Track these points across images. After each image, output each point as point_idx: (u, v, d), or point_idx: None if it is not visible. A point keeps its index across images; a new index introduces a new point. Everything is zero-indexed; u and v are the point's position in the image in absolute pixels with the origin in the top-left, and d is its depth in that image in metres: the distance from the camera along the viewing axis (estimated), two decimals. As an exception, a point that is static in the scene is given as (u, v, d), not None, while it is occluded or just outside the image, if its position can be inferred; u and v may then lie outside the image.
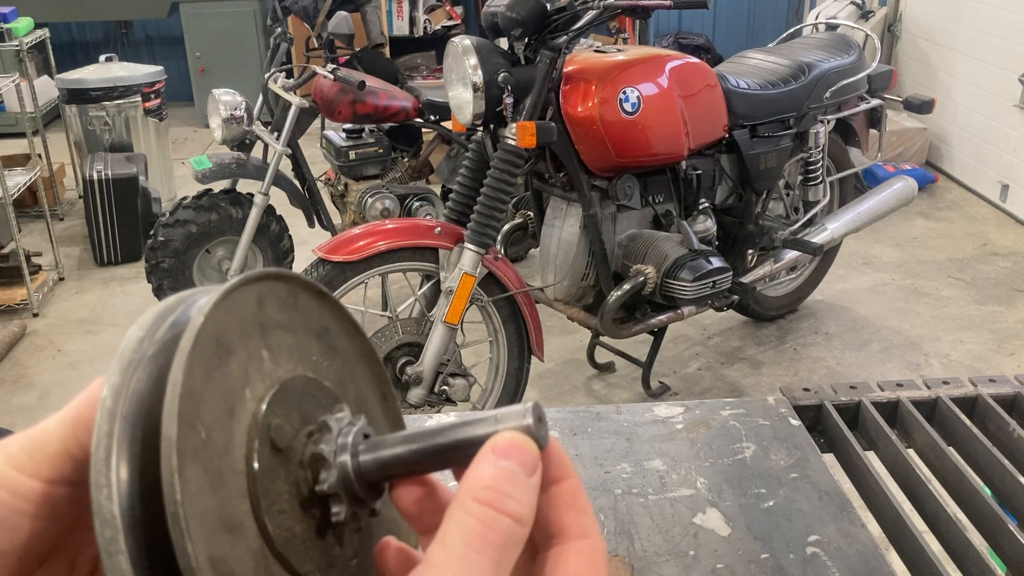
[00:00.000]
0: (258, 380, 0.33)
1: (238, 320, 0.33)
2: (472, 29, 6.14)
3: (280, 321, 0.35)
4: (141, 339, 0.31)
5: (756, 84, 2.78)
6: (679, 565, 0.78)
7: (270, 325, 0.35)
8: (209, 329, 0.30)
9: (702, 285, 2.48)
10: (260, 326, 0.34)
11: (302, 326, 0.36)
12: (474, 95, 2.27)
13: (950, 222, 4.40)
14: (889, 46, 5.46)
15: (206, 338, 0.30)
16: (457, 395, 2.40)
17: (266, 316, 0.34)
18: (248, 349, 0.33)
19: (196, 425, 0.29)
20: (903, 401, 0.98)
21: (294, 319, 0.36)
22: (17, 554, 0.33)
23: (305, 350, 0.36)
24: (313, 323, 0.37)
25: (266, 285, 0.35)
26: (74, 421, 0.33)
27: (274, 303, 0.35)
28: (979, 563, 0.76)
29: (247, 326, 0.33)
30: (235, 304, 0.33)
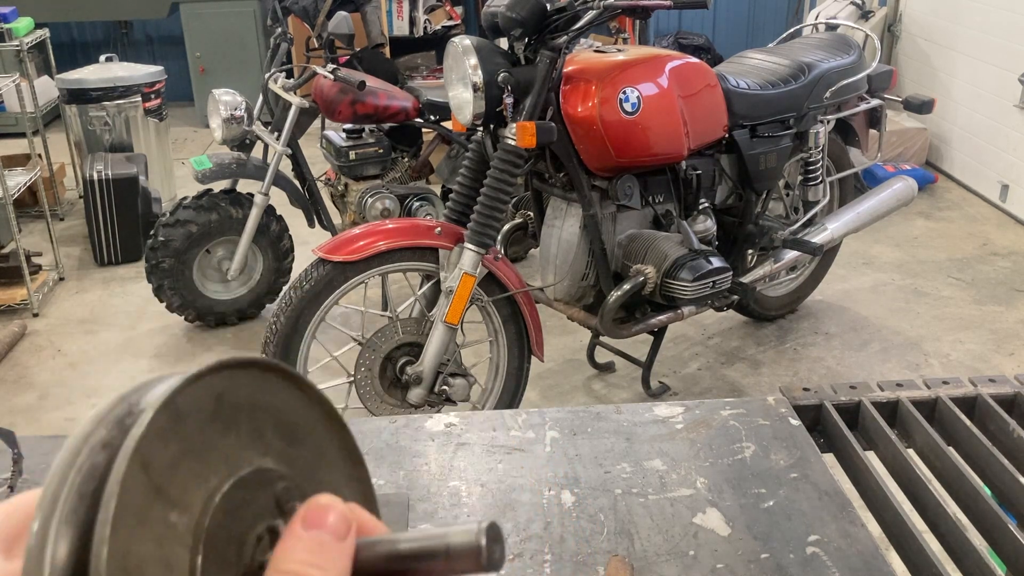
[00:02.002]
0: (200, 489, 0.32)
1: (181, 432, 0.32)
2: (472, 29, 6.14)
3: (239, 409, 0.35)
4: (76, 453, 0.31)
5: (756, 84, 2.78)
6: (679, 565, 0.78)
7: (227, 418, 0.34)
8: (138, 462, 0.30)
9: (702, 285, 2.48)
10: (214, 418, 0.33)
11: (264, 412, 0.36)
12: (474, 95, 2.27)
13: (950, 222, 4.40)
14: (889, 46, 5.46)
15: (135, 476, 0.29)
16: (457, 395, 2.40)
17: (223, 409, 0.34)
18: (193, 455, 0.32)
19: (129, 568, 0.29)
20: (903, 401, 0.98)
21: (257, 404, 0.35)
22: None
23: (264, 436, 0.35)
24: (275, 407, 0.36)
25: (225, 376, 0.34)
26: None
27: (235, 393, 0.34)
28: (979, 563, 0.76)
29: (194, 429, 0.32)
30: (185, 407, 0.32)
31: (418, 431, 0.98)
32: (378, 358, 2.38)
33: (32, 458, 0.93)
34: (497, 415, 1.01)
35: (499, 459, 0.93)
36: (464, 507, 0.86)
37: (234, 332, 3.41)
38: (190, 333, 3.41)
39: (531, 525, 0.83)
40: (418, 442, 0.96)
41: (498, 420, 1.01)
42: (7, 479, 0.88)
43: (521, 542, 0.81)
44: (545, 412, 1.02)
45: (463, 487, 0.89)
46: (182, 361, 3.23)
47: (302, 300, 2.30)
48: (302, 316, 2.30)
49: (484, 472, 0.91)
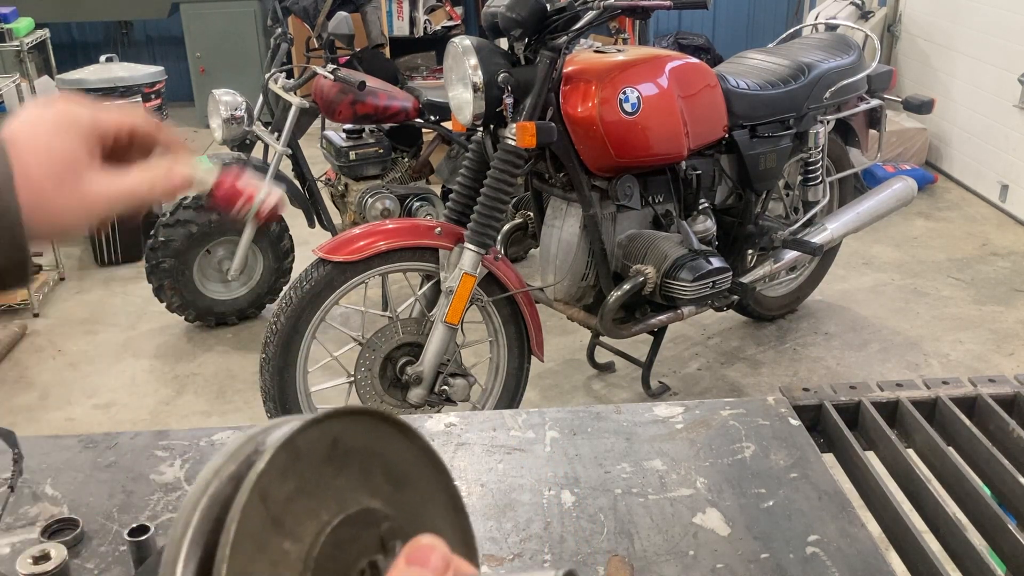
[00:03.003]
0: (312, 523, 0.35)
1: (299, 470, 0.35)
2: (472, 29, 6.14)
3: (353, 453, 0.38)
4: (208, 481, 0.35)
5: (756, 84, 2.78)
6: (679, 565, 0.78)
7: (341, 461, 0.37)
8: (258, 494, 0.33)
9: (702, 285, 2.48)
10: (329, 460, 0.37)
11: (375, 458, 0.39)
12: (474, 95, 2.27)
13: (950, 222, 4.40)
14: (889, 46, 5.46)
15: (254, 506, 0.33)
16: (457, 395, 2.40)
17: (338, 452, 0.37)
18: (308, 492, 0.35)
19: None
20: (903, 401, 0.98)
21: (369, 450, 0.39)
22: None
23: (373, 480, 0.39)
24: (386, 454, 0.40)
25: (342, 422, 0.38)
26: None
27: (350, 438, 0.38)
28: (978, 563, 0.76)
29: (310, 468, 0.36)
30: (303, 447, 0.36)
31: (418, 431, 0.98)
32: (378, 358, 2.38)
33: (32, 458, 0.93)
34: (497, 415, 1.02)
35: (499, 459, 0.93)
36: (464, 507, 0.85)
37: (234, 332, 3.41)
38: (190, 333, 3.41)
39: (531, 525, 0.83)
40: (418, 442, 0.96)
41: (498, 420, 1.01)
42: (7, 479, 0.88)
43: (521, 542, 0.81)
44: (545, 412, 1.02)
45: (463, 487, 0.89)
46: (182, 361, 3.23)
47: (302, 300, 2.30)
48: (302, 316, 2.30)
49: (484, 472, 0.91)
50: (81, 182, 0.56)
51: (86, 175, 0.56)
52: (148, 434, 0.98)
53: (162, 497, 0.87)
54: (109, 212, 0.58)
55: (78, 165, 0.56)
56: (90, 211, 0.57)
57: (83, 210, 0.56)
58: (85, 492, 0.88)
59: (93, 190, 0.56)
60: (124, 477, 0.90)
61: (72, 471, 0.91)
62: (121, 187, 0.58)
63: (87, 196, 0.56)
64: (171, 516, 0.85)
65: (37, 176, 0.53)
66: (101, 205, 0.57)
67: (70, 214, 0.55)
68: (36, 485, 0.89)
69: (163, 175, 0.60)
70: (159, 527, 0.82)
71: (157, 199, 0.61)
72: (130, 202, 0.58)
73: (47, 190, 0.54)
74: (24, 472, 0.90)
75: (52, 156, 0.54)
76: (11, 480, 0.88)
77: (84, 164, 0.56)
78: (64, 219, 0.55)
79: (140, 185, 0.59)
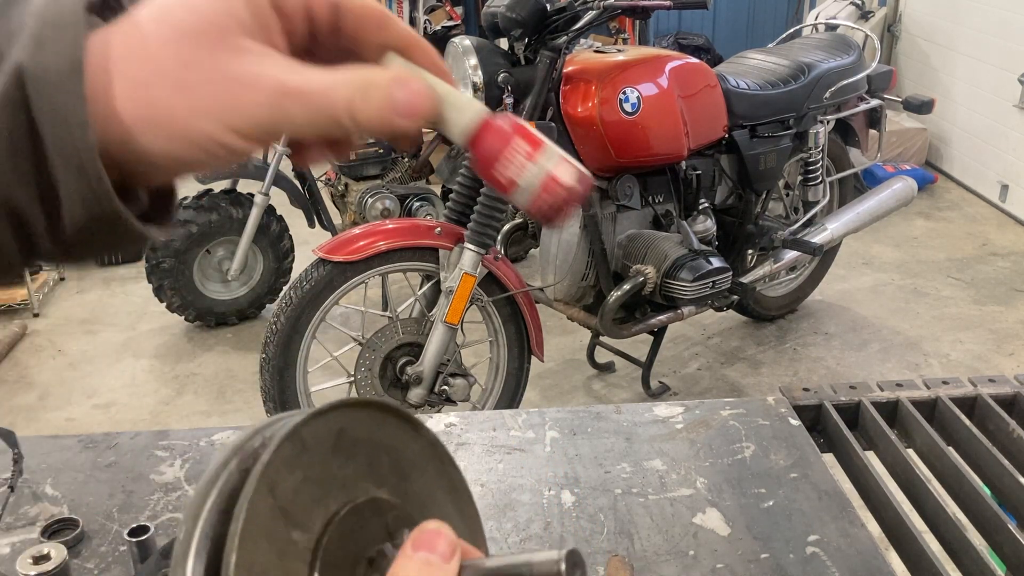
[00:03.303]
0: (320, 513, 0.36)
1: (305, 461, 0.35)
2: (472, 29, 6.14)
3: (358, 444, 0.38)
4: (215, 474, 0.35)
5: (756, 84, 2.78)
6: (679, 565, 0.78)
7: (347, 451, 0.37)
8: (265, 485, 0.33)
9: (702, 285, 2.48)
10: (335, 450, 0.37)
11: (381, 448, 0.39)
12: (474, 95, 2.27)
13: (950, 222, 4.40)
14: (889, 46, 5.46)
15: (262, 497, 0.33)
16: (457, 395, 2.40)
17: (344, 443, 0.37)
18: (315, 482, 0.36)
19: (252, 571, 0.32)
20: (903, 401, 0.98)
21: (375, 441, 0.39)
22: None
23: (380, 470, 0.39)
24: (392, 444, 0.40)
25: (347, 413, 0.37)
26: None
27: (355, 429, 0.38)
28: (978, 563, 0.76)
29: (316, 459, 0.36)
30: (309, 438, 0.35)
31: (418, 431, 0.98)
32: (378, 358, 2.38)
33: (32, 458, 0.93)
34: (497, 415, 1.02)
35: (499, 459, 0.93)
36: (464, 507, 0.85)
37: (234, 332, 3.41)
38: (190, 333, 3.41)
39: (531, 525, 0.83)
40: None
41: (498, 420, 1.01)
42: (7, 479, 0.88)
43: (521, 542, 0.81)
44: (545, 412, 1.02)
45: (463, 487, 0.89)
46: (182, 361, 3.23)
47: (302, 300, 2.30)
48: (302, 316, 2.30)
49: (484, 472, 0.91)
50: (230, 58, 0.34)
51: (242, 51, 0.34)
52: (148, 434, 0.98)
53: (162, 497, 0.87)
54: (274, 121, 0.34)
55: (228, 32, 0.34)
56: (238, 110, 0.34)
57: (225, 106, 0.34)
58: (85, 492, 0.88)
59: (251, 72, 0.34)
60: (124, 477, 0.90)
61: (72, 471, 0.91)
62: (301, 81, 0.35)
63: (237, 81, 0.34)
64: (171, 516, 0.85)
65: (155, 47, 0.33)
66: (261, 101, 0.34)
67: (203, 112, 0.34)
68: (36, 485, 0.89)
69: (385, 82, 0.36)
70: (159, 527, 0.82)
71: (369, 124, 0.36)
72: (313, 111, 0.35)
73: (168, 69, 0.33)
74: (24, 472, 0.90)
75: (185, 14, 0.34)
76: (11, 480, 0.88)
77: (241, 32, 0.35)
78: (192, 121, 0.34)
79: (337, 87, 0.35)
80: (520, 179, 0.39)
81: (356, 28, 0.39)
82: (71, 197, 0.32)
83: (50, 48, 0.32)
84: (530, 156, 0.38)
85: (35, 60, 0.32)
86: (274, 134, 0.35)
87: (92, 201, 0.33)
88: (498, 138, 0.38)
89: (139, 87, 0.33)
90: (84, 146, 0.32)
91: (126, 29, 0.34)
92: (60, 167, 0.32)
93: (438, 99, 0.38)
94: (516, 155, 0.38)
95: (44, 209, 0.33)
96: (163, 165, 0.35)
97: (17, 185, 0.32)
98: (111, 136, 0.33)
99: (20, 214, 0.33)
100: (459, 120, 0.39)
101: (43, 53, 0.32)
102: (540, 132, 0.40)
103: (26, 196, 0.33)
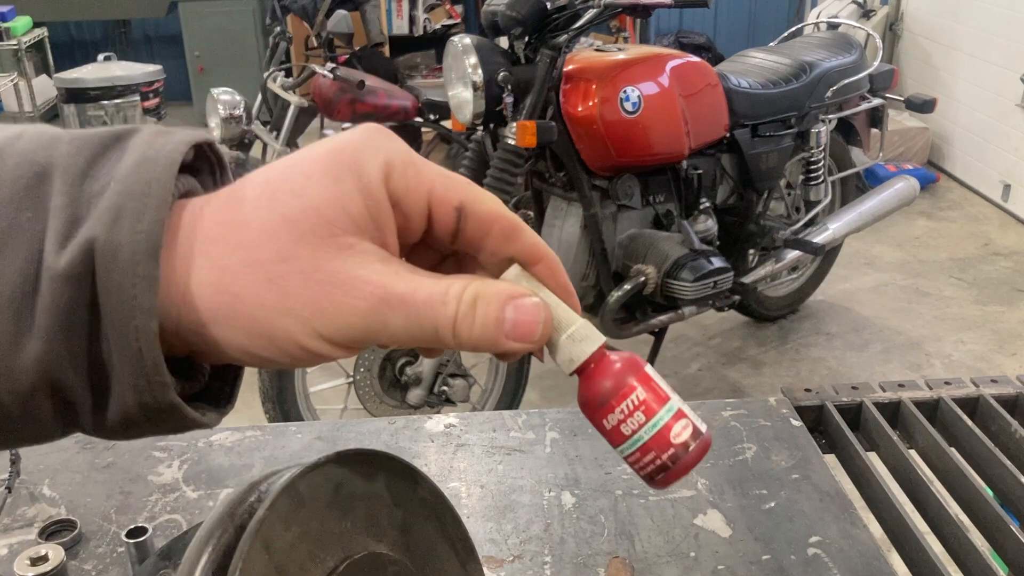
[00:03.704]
0: (317, 570, 0.35)
1: (301, 516, 0.34)
2: (472, 28, 6.14)
3: (356, 497, 0.37)
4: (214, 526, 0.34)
5: (757, 83, 2.78)
6: (680, 567, 0.77)
7: (344, 505, 0.36)
8: (260, 542, 0.32)
9: (703, 285, 2.47)
10: (332, 505, 0.36)
11: (380, 501, 0.38)
12: (474, 94, 2.26)
13: (952, 222, 4.40)
14: (890, 45, 5.45)
15: (257, 554, 0.32)
16: (457, 396, 2.39)
17: (341, 496, 0.36)
18: (312, 538, 0.35)
19: None
20: (905, 402, 0.98)
21: (373, 494, 0.38)
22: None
23: (379, 524, 0.38)
24: (391, 497, 0.39)
25: (345, 466, 0.36)
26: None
27: (353, 483, 0.37)
28: (981, 564, 0.75)
29: (314, 513, 0.35)
30: (306, 493, 0.34)
31: (417, 432, 0.98)
32: (377, 358, 2.37)
33: (30, 459, 0.92)
34: (497, 416, 1.01)
35: (499, 460, 0.93)
36: (464, 508, 0.85)
37: (234, 332, 3.41)
38: (190, 333, 3.41)
39: (531, 527, 0.83)
40: (418, 443, 0.96)
41: (498, 421, 1.00)
42: (5, 480, 0.88)
43: (521, 544, 0.80)
44: (545, 413, 1.01)
45: (463, 488, 0.89)
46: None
47: (302, 300, 2.29)
48: (302, 316, 2.30)
49: (484, 473, 0.91)
50: (333, 256, 0.31)
51: (348, 250, 0.31)
52: (146, 435, 0.97)
53: (160, 498, 0.87)
54: (369, 331, 0.32)
55: (336, 227, 0.31)
56: (332, 315, 0.31)
57: (319, 309, 0.31)
58: (83, 493, 0.87)
59: (354, 275, 0.31)
60: (122, 478, 0.90)
61: (70, 472, 0.91)
62: (407, 291, 0.32)
63: (337, 283, 0.31)
64: (169, 517, 0.84)
65: (254, 234, 0.31)
66: (359, 308, 0.31)
67: (292, 313, 0.31)
68: (34, 486, 0.89)
69: (499, 299, 0.33)
70: (157, 528, 0.81)
71: (471, 342, 0.33)
72: (414, 323, 0.32)
73: (262, 260, 0.31)
74: (22, 473, 0.90)
75: (293, 200, 0.31)
76: (8, 481, 0.88)
77: (350, 227, 0.32)
78: (277, 320, 0.31)
79: (446, 300, 0.32)
80: (630, 432, 0.35)
81: (480, 235, 0.35)
82: (123, 382, 0.30)
83: (127, 224, 0.29)
84: (649, 411, 0.35)
85: (109, 236, 0.29)
86: (365, 343, 0.33)
87: (145, 390, 0.30)
88: (615, 381, 0.35)
89: (225, 273, 0.31)
90: (145, 332, 0.29)
91: (224, 205, 0.32)
92: (116, 350, 0.30)
93: (554, 325, 0.35)
94: (632, 405, 0.35)
95: (92, 391, 0.31)
96: (236, 357, 0.32)
97: (68, 363, 0.30)
98: (184, 321, 0.31)
99: (66, 393, 0.31)
100: (572, 350, 0.36)
101: (119, 229, 0.29)
102: (662, 381, 0.36)
103: (75, 376, 0.30)
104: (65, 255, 0.29)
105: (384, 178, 0.32)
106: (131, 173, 0.30)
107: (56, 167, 0.31)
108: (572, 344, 0.36)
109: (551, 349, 0.36)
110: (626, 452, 0.36)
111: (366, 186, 0.32)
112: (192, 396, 0.33)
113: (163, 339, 0.30)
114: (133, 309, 0.29)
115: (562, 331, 0.35)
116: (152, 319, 0.29)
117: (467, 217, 0.34)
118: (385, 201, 0.32)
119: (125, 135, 0.32)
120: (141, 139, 0.32)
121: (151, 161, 0.31)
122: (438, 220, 0.34)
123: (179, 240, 0.31)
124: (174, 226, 0.31)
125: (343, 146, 0.33)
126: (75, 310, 0.29)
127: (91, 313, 0.29)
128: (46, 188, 0.30)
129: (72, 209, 0.30)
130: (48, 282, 0.29)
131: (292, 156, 0.34)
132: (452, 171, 0.35)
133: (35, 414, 0.31)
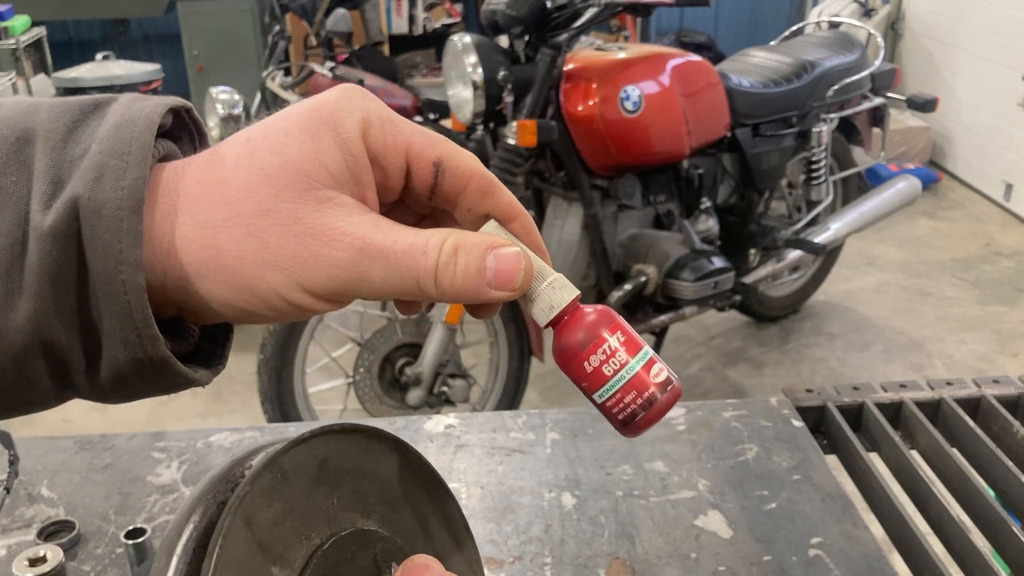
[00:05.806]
0: (302, 546, 0.34)
1: (285, 492, 0.34)
2: (472, 27, 6.13)
3: (343, 472, 0.36)
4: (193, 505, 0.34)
5: (758, 82, 2.77)
6: (681, 567, 0.77)
7: (331, 481, 0.36)
8: (241, 518, 0.32)
9: (704, 285, 2.47)
10: (318, 480, 0.35)
11: (368, 477, 0.37)
12: (474, 93, 2.26)
13: (954, 222, 4.39)
14: (892, 44, 5.44)
15: (238, 531, 0.31)
16: (456, 396, 2.39)
17: (327, 472, 0.35)
18: (296, 514, 0.34)
19: None
20: (906, 402, 0.97)
21: (361, 469, 0.37)
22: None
23: (366, 500, 0.37)
24: (379, 472, 0.38)
25: (331, 440, 0.36)
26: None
27: (339, 457, 0.36)
28: (982, 565, 0.75)
29: (299, 488, 0.34)
30: (290, 468, 0.34)
31: (417, 432, 0.97)
32: (377, 359, 2.37)
33: (28, 459, 0.92)
34: (497, 416, 1.01)
35: (499, 461, 0.93)
36: (464, 509, 0.85)
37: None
38: (190, 332, 3.41)
39: (531, 527, 0.82)
40: (417, 444, 0.95)
41: (498, 421, 1.00)
42: (3, 481, 0.88)
43: (521, 544, 0.80)
44: (546, 413, 1.01)
45: (463, 489, 0.88)
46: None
47: (302, 299, 2.29)
48: (302, 316, 2.29)
49: (484, 474, 0.91)
50: (312, 210, 0.32)
51: (327, 203, 0.32)
52: (144, 435, 0.97)
53: (159, 499, 0.87)
54: (350, 282, 0.32)
55: (315, 181, 0.32)
56: (313, 266, 0.32)
57: (299, 260, 0.32)
58: (81, 494, 0.87)
59: (334, 227, 0.32)
60: (120, 479, 0.89)
61: (68, 473, 0.90)
62: (386, 241, 0.32)
63: (317, 235, 0.32)
64: (168, 518, 0.84)
65: (234, 189, 0.32)
66: (339, 259, 0.32)
67: (274, 264, 0.32)
68: (32, 487, 0.88)
69: (480, 248, 0.34)
70: (156, 529, 0.81)
71: (454, 291, 0.34)
72: (395, 273, 0.33)
73: (244, 214, 0.31)
74: (20, 474, 0.90)
75: (272, 156, 0.32)
76: (7, 482, 0.87)
77: (329, 182, 0.32)
78: (260, 272, 0.32)
79: (426, 250, 0.33)
80: (611, 373, 0.36)
81: (457, 191, 0.37)
82: (113, 338, 0.31)
83: (110, 182, 0.30)
84: (631, 349, 0.36)
85: (92, 193, 0.30)
86: (347, 296, 0.34)
87: (136, 344, 0.31)
88: (592, 327, 0.36)
89: (207, 229, 0.31)
90: (133, 286, 0.30)
91: (205, 164, 0.33)
92: (105, 306, 0.30)
93: (528, 269, 0.35)
94: (608, 350, 0.36)
95: (84, 349, 0.31)
96: (221, 312, 0.33)
97: (58, 322, 0.30)
98: (169, 276, 0.32)
99: (58, 352, 0.31)
100: (552, 297, 0.36)
101: (102, 187, 0.30)
102: (634, 329, 0.37)
103: (66, 334, 0.31)
104: (51, 214, 0.30)
105: (362, 134, 0.34)
106: (111, 135, 0.31)
107: (38, 132, 0.31)
108: (552, 291, 0.36)
109: (529, 300, 0.36)
110: (606, 395, 0.36)
111: (344, 142, 0.33)
112: (184, 358, 0.34)
113: (151, 297, 0.31)
114: (119, 264, 0.30)
115: (542, 280, 0.36)
116: (139, 273, 0.30)
117: (445, 172, 0.36)
118: (364, 156, 0.34)
119: (104, 103, 0.33)
120: (120, 104, 0.33)
121: (131, 123, 0.32)
122: (416, 175, 0.36)
123: (161, 198, 0.32)
124: (156, 184, 0.32)
125: (321, 104, 0.34)
126: (63, 268, 0.30)
127: (79, 270, 0.30)
128: (29, 152, 0.31)
129: (55, 171, 0.31)
130: (35, 242, 0.29)
131: (272, 116, 0.34)
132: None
133: (29, 376, 0.31)
